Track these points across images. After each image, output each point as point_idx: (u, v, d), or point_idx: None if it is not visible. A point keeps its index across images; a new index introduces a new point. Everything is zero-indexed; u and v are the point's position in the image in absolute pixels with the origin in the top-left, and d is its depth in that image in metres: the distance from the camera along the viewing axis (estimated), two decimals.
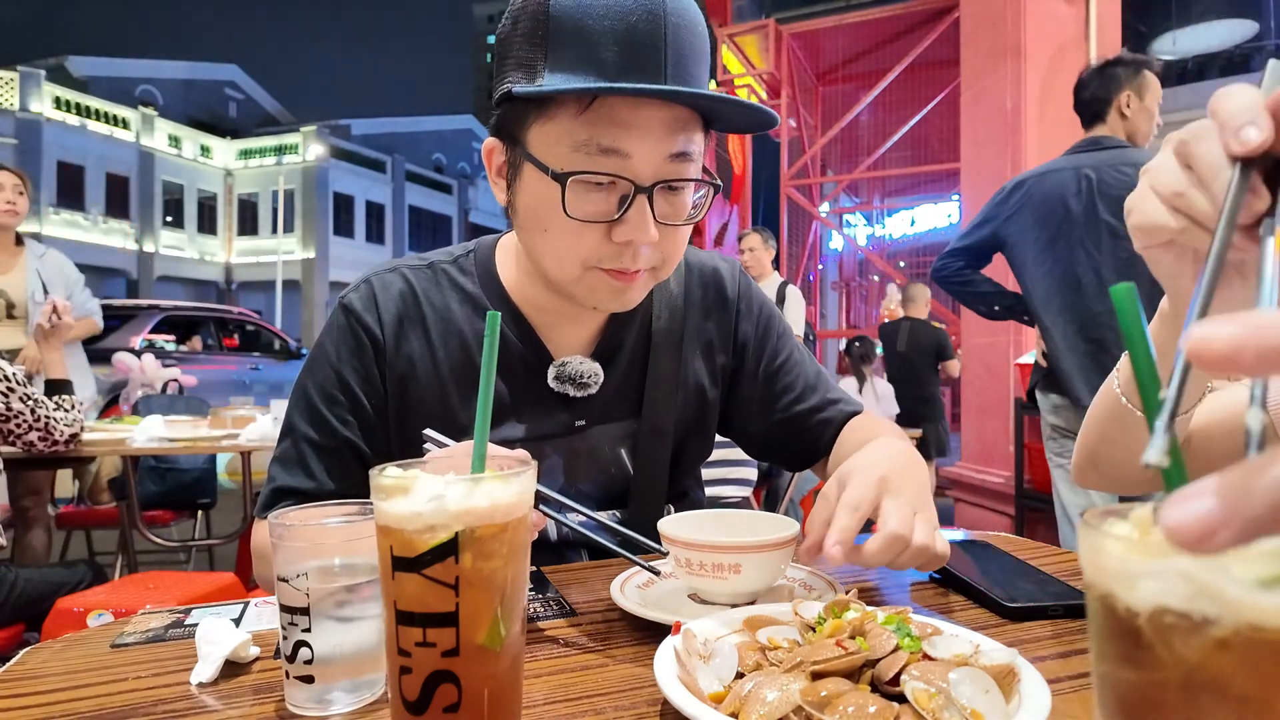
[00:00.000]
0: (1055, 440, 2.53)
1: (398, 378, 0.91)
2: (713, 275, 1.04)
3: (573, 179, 0.75)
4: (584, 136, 0.74)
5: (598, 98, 0.73)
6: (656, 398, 0.97)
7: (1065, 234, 2.35)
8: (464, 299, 0.94)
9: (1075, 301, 2.34)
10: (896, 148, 8.08)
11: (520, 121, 0.78)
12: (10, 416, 2.09)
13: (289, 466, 0.90)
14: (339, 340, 0.91)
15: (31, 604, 1.85)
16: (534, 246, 0.83)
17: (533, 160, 0.77)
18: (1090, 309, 2.31)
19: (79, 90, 26.81)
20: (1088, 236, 2.33)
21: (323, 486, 0.89)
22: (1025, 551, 0.90)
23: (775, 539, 0.68)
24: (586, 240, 0.78)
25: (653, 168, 0.76)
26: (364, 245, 32.92)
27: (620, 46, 0.73)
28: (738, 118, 0.80)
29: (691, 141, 0.78)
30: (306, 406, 0.91)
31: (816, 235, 8.97)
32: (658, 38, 0.74)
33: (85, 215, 26.12)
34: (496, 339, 0.50)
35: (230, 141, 32.20)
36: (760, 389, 1.04)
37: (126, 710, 0.53)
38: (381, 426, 0.92)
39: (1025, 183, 2.47)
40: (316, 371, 0.92)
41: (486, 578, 0.43)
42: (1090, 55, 4.17)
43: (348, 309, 0.92)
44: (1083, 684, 0.55)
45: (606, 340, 0.96)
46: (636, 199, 0.76)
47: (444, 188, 38.68)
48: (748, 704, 0.44)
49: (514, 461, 0.60)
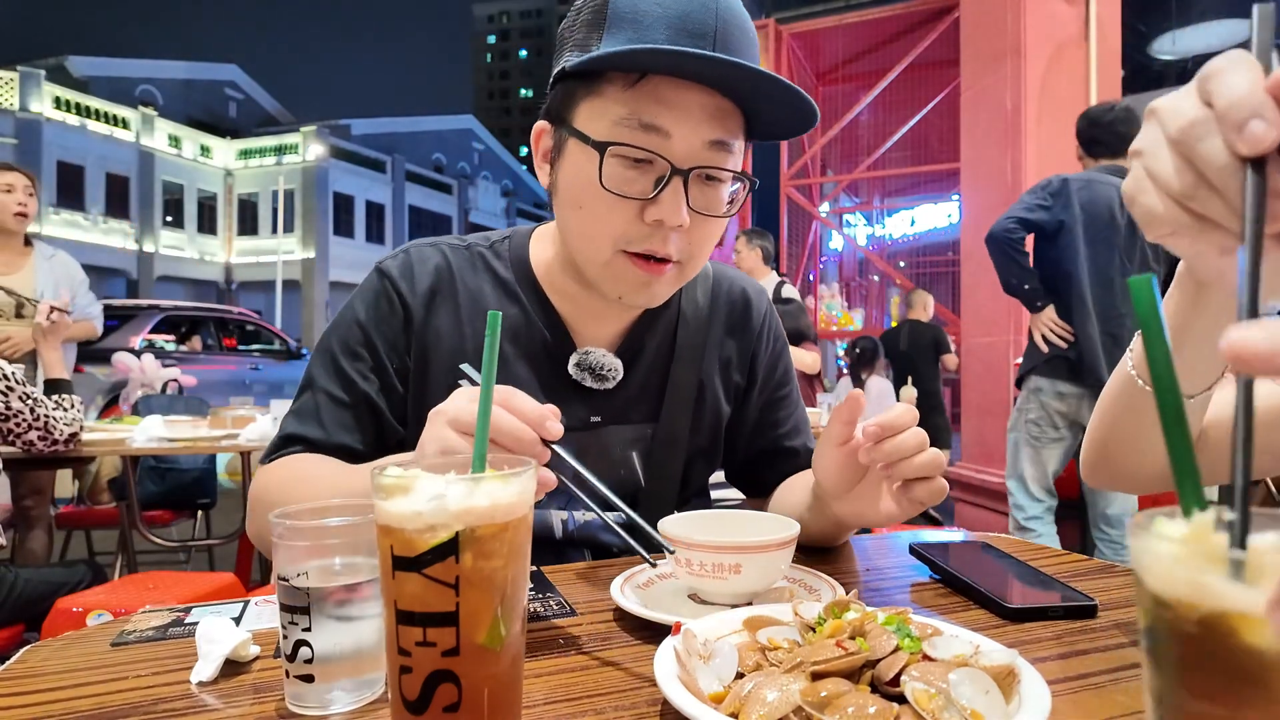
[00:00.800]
0: (1038, 426, 2.82)
1: (423, 349, 0.92)
2: (741, 295, 1.07)
3: (611, 150, 0.77)
4: (627, 111, 0.77)
5: (646, 76, 0.76)
6: (675, 405, 0.99)
7: (1107, 239, 2.65)
8: (496, 283, 0.96)
9: (1102, 297, 2.65)
10: (896, 148, 8.08)
11: (569, 100, 0.82)
12: (9, 416, 2.09)
13: (302, 418, 0.91)
14: (370, 302, 0.93)
15: (31, 604, 1.85)
16: (568, 224, 0.85)
17: (576, 134, 0.80)
18: (1116, 308, 2.63)
19: (79, 90, 26.80)
20: (1126, 246, 2.64)
21: (331, 438, 0.89)
22: (1025, 552, 0.90)
23: (775, 539, 0.68)
24: (618, 217, 0.80)
25: (691, 151, 0.78)
26: (364, 245, 32.93)
27: (670, 30, 0.76)
28: (777, 112, 0.81)
29: (731, 134, 0.80)
30: (329, 360, 0.92)
31: (816, 235, 8.97)
32: (708, 26, 0.77)
33: (85, 215, 26.12)
34: (497, 339, 0.51)
35: (230, 141, 32.20)
36: (756, 415, 1.08)
37: (126, 709, 0.53)
38: (401, 394, 0.93)
39: (1070, 184, 2.71)
40: (342, 329, 0.93)
41: (487, 577, 0.43)
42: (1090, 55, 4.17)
43: (384, 273, 0.94)
44: (1083, 685, 0.55)
45: (630, 340, 0.98)
46: (672, 180, 0.78)
47: (444, 188, 38.70)
48: (748, 704, 0.44)
49: (533, 437, 0.62)
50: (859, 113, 7.77)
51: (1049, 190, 2.74)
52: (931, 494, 0.73)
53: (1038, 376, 2.79)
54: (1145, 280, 0.32)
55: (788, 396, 1.10)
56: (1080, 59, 4.19)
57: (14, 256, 3.05)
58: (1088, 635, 0.65)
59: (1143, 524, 0.30)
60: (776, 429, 1.08)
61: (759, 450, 1.09)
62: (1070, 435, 2.85)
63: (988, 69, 4.43)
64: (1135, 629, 0.65)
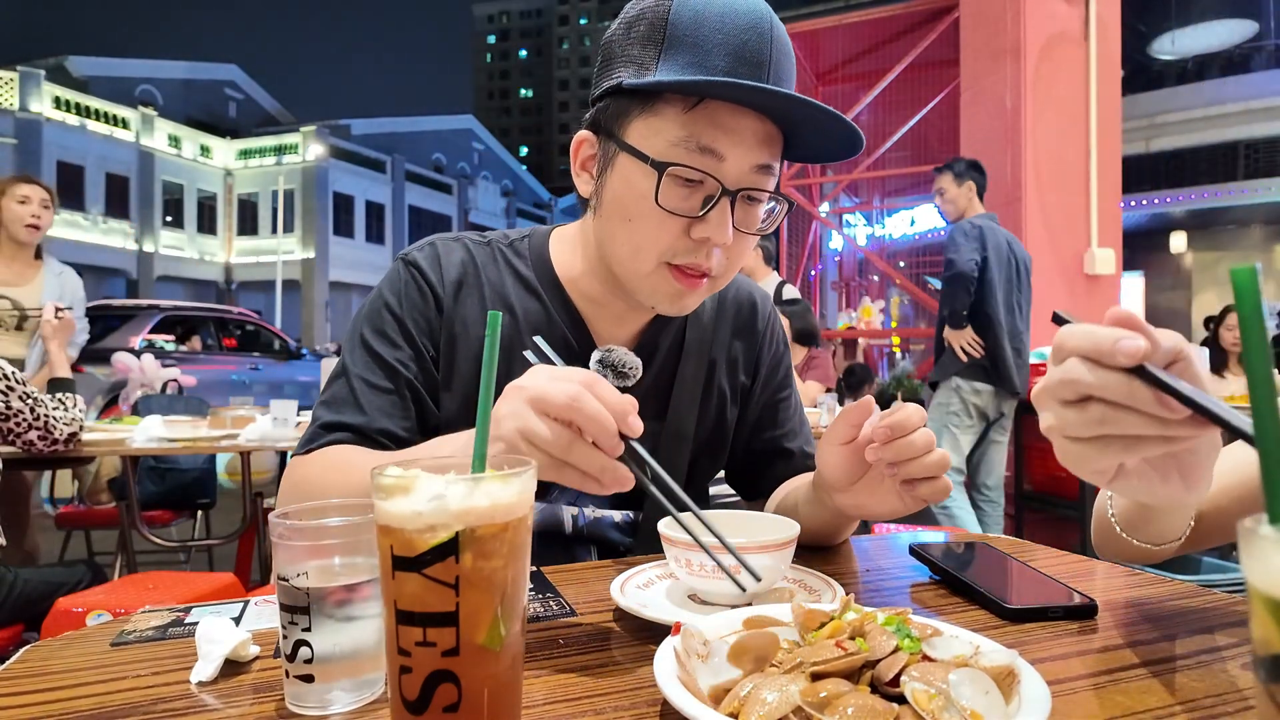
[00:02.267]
0: (958, 416, 3.66)
1: (450, 337, 0.93)
2: (747, 298, 1.09)
3: (669, 170, 0.79)
4: (685, 133, 0.79)
5: (704, 100, 0.78)
6: (682, 402, 1.00)
7: (1007, 274, 3.65)
8: (517, 279, 0.97)
9: (1007, 318, 3.63)
10: (896, 148, 8.08)
11: (622, 116, 0.83)
12: (10, 415, 2.09)
13: (339, 406, 0.90)
14: (401, 291, 0.94)
15: (31, 604, 1.85)
16: (613, 235, 0.86)
17: (630, 150, 0.81)
18: (1017, 327, 3.67)
19: (79, 90, 26.80)
20: (1017, 279, 3.70)
21: (373, 423, 0.89)
22: (1025, 552, 0.90)
23: (775, 539, 0.68)
24: (667, 232, 0.82)
25: (741, 174, 0.81)
26: (364, 245, 32.93)
27: (730, 58, 0.78)
28: (821, 141, 0.85)
29: (775, 157, 0.83)
30: (362, 348, 0.92)
31: (816, 235, 8.97)
32: (763, 55, 0.79)
33: (85, 215, 26.11)
34: (497, 339, 0.50)
35: (230, 141, 32.19)
36: (757, 415, 1.09)
37: (126, 709, 0.53)
38: (435, 377, 0.93)
39: (981, 229, 3.61)
40: (375, 318, 0.93)
41: (487, 577, 0.43)
42: (1090, 55, 4.17)
43: (411, 264, 0.95)
44: (1083, 685, 0.55)
45: (646, 340, 0.99)
46: (721, 200, 0.80)
47: (444, 188, 38.69)
48: (748, 704, 0.44)
49: (615, 429, 0.60)
50: (859, 113, 7.76)
51: (974, 235, 3.59)
52: (935, 492, 0.74)
53: (958, 378, 3.66)
54: (1247, 270, 0.31)
55: (788, 399, 1.11)
56: (1080, 59, 4.19)
57: (24, 268, 3.04)
58: (1088, 635, 0.65)
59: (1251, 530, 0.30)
60: (776, 429, 1.09)
61: (757, 451, 1.10)
62: (979, 424, 3.72)
63: (987, 69, 4.43)
64: (1135, 629, 0.66)
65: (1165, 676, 0.55)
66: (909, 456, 0.72)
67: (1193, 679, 0.55)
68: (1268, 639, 0.29)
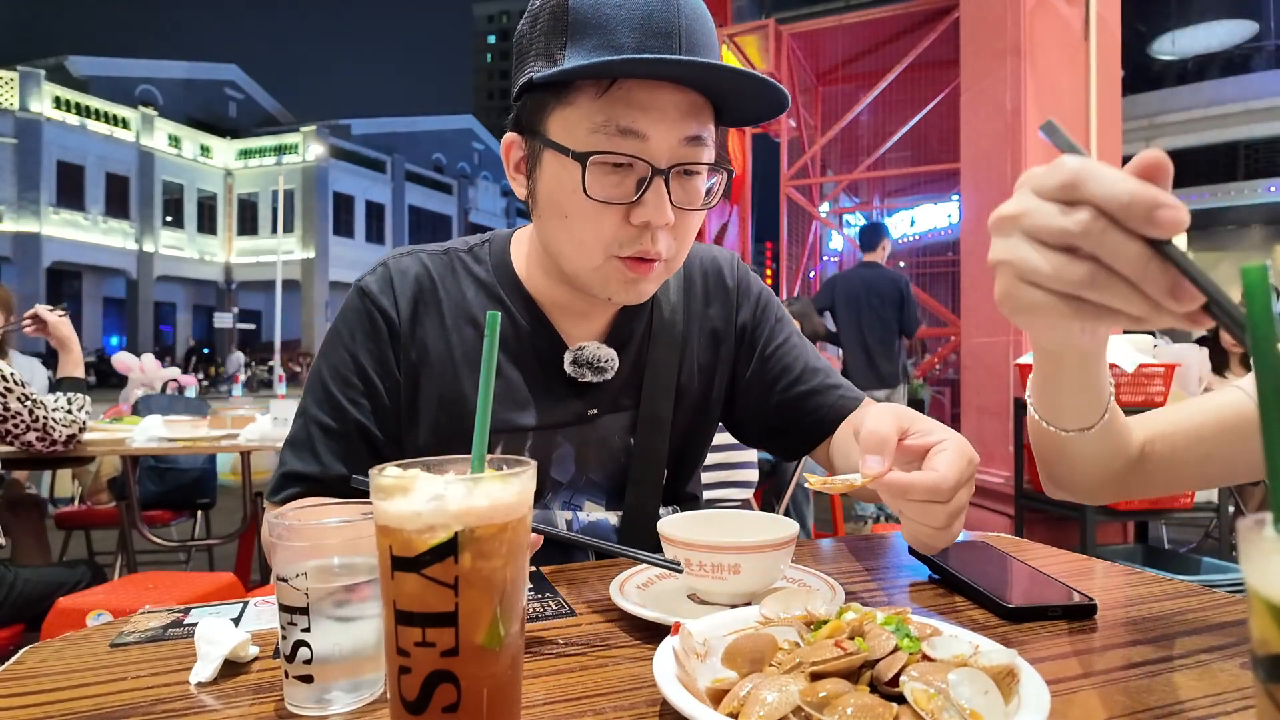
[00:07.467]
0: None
1: (412, 362, 0.92)
2: (712, 263, 1.06)
3: (592, 160, 0.77)
4: (602, 118, 0.77)
5: (616, 81, 0.76)
6: (655, 386, 0.98)
7: (859, 307, 4.95)
8: (479, 287, 0.95)
9: (862, 340, 4.94)
10: (896, 148, 8.07)
11: (540, 111, 0.81)
12: (8, 416, 2.09)
13: (298, 450, 0.91)
14: (354, 323, 0.92)
15: (31, 604, 1.85)
16: (554, 235, 0.85)
17: (553, 145, 0.80)
18: (868, 342, 4.95)
19: (79, 90, 26.82)
20: (865, 309, 4.94)
21: (328, 470, 0.89)
22: (1025, 552, 0.90)
23: (775, 539, 0.68)
24: (606, 223, 0.80)
25: (669, 150, 0.79)
26: (364, 245, 32.94)
27: (637, 32, 0.77)
28: (748, 104, 0.83)
29: (705, 127, 0.81)
30: (319, 388, 0.92)
31: (816, 235, 8.96)
32: (672, 24, 0.77)
33: (85, 215, 26.12)
34: (496, 339, 0.50)
35: (230, 141, 32.22)
36: (759, 372, 1.05)
37: (125, 710, 0.53)
38: (394, 411, 0.92)
39: (835, 280, 5.12)
40: (331, 354, 0.93)
41: (486, 578, 0.43)
42: (1090, 55, 4.17)
43: (364, 292, 0.93)
44: (1083, 685, 0.55)
45: (617, 330, 0.98)
46: (654, 181, 0.78)
47: (444, 188, 38.72)
48: (747, 704, 0.44)
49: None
50: (859, 113, 7.76)
51: (826, 285, 5.16)
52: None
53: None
54: (1258, 269, 0.30)
55: (787, 342, 1.05)
56: (1080, 59, 4.18)
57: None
58: (1087, 635, 0.65)
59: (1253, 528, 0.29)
60: (785, 377, 1.04)
61: (775, 405, 1.04)
62: None
63: (987, 69, 4.43)
64: (1135, 628, 0.66)
65: (1165, 676, 0.55)
66: (921, 519, 0.66)
67: (1192, 679, 0.55)
68: (1267, 639, 0.29)
